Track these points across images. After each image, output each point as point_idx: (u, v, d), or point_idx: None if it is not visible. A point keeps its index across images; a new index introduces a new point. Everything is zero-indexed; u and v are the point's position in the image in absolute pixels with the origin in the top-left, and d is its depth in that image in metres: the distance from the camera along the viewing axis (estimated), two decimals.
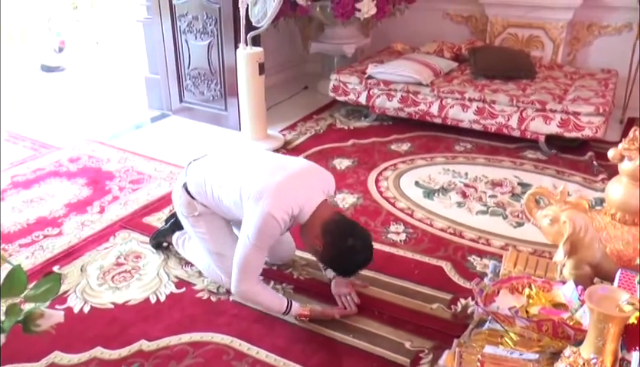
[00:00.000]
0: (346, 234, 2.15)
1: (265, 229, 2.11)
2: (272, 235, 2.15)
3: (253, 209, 2.12)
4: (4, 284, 1.15)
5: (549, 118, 3.73)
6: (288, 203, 2.11)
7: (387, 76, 4.24)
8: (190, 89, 4.46)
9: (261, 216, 2.09)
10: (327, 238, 2.15)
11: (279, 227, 2.12)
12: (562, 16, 4.59)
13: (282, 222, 2.11)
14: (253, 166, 2.30)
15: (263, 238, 2.14)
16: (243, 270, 2.19)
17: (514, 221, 3.03)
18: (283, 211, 2.09)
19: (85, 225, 3.05)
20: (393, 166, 3.68)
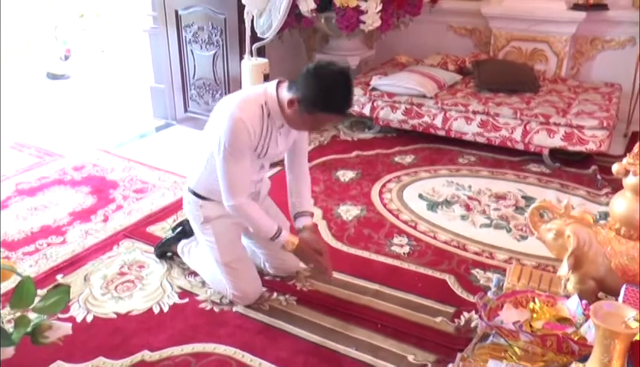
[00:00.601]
0: (306, 69, 2.12)
1: (236, 134, 2.11)
2: (243, 139, 2.13)
3: (223, 123, 2.13)
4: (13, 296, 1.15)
5: (553, 132, 3.74)
6: (250, 103, 2.16)
7: (391, 88, 4.25)
8: (195, 99, 4.47)
9: (229, 122, 2.11)
10: (295, 88, 2.12)
11: (247, 129, 2.11)
12: (565, 30, 4.59)
13: (249, 121, 2.11)
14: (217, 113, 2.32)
15: (238, 148, 2.13)
16: (230, 185, 2.19)
17: (518, 234, 3.02)
18: (248, 110, 2.13)
19: (89, 234, 3.05)
20: (397, 178, 3.68)
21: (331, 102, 2.09)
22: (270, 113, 2.18)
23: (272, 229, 2.28)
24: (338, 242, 2.95)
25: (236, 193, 2.21)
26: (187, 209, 2.48)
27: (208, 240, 2.43)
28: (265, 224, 2.29)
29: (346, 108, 2.13)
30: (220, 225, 2.40)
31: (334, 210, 3.26)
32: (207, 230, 2.41)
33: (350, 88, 2.11)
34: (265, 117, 2.17)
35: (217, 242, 2.40)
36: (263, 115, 2.16)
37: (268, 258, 2.62)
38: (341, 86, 2.08)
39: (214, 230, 2.40)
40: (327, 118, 2.20)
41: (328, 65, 2.13)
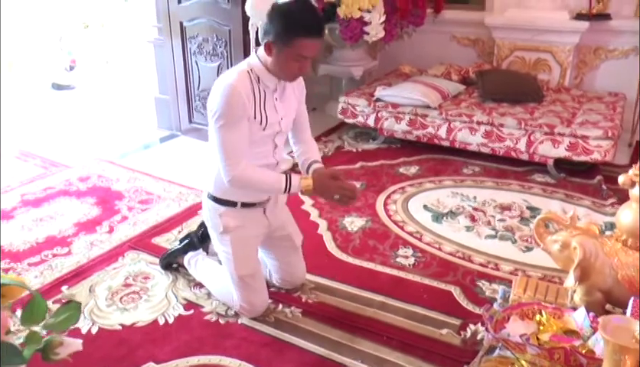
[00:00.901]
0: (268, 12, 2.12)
1: (228, 101, 2.08)
2: (237, 105, 2.09)
3: (213, 94, 2.13)
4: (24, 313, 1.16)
5: (557, 142, 3.74)
6: (238, 71, 2.15)
7: (395, 99, 4.26)
8: (199, 109, 4.49)
9: (220, 91, 2.10)
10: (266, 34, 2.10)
11: (240, 95, 2.09)
12: (569, 40, 4.61)
13: (240, 84, 2.10)
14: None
15: (231, 113, 2.09)
16: (227, 154, 2.12)
17: (524, 245, 3.02)
18: (234, 75, 2.12)
19: (94, 245, 3.06)
20: (402, 189, 3.68)
21: (298, 23, 2.07)
22: (259, 77, 2.16)
23: (281, 181, 2.17)
24: (343, 254, 2.94)
25: (233, 162, 2.12)
26: (207, 217, 2.43)
27: (225, 251, 2.39)
28: (272, 180, 2.20)
29: (315, 24, 2.11)
30: (239, 237, 2.36)
31: (339, 222, 3.26)
32: (225, 240, 2.37)
33: (311, 6, 2.13)
34: (254, 81, 2.15)
35: (234, 254, 2.37)
36: (252, 80, 2.15)
37: (278, 268, 2.60)
38: (301, 6, 2.10)
39: (232, 241, 2.36)
40: (304, 44, 2.10)
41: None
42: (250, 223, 2.37)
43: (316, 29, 2.10)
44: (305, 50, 2.09)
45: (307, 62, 2.13)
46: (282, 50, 2.09)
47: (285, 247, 2.56)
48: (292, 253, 2.58)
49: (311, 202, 3.49)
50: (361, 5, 4.20)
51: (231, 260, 2.38)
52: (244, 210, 2.35)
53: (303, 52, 2.09)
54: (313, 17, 2.11)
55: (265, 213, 2.40)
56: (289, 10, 2.09)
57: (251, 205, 2.35)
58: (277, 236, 2.51)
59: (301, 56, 2.10)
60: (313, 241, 3.00)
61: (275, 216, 2.45)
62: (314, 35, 2.09)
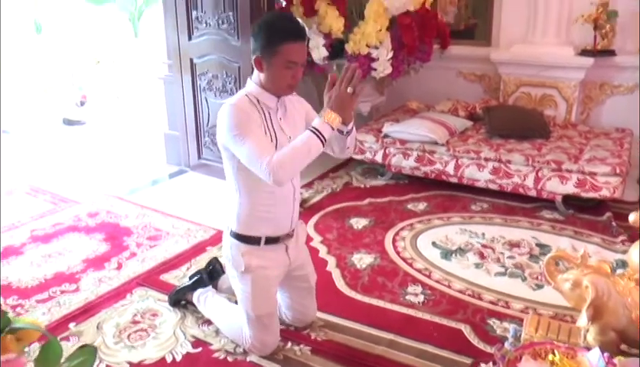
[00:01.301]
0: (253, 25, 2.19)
1: (235, 117, 2.10)
2: (244, 118, 2.10)
3: (219, 122, 2.17)
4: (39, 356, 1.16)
5: (565, 178, 3.74)
6: (237, 96, 2.20)
7: (403, 135, 4.28)
8: (208, 146, 4.52)
9: (223, 113, 2.13)
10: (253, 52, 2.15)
11: (244, 111, 2.12)
12: (574, 75, 4.64)
13: (243, 104, 2.14)
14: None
15: (242, 125, 2.09)
16: (257, 156, 2.06)
17: (534, 283, 2.99)
18: (237, 100, 2.16)
19: (102, 282, 3.05)
20: (410, 225, 3.68)
21: (279, 30, 2.12)
22: (258, 99, 2.19)
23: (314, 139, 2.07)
24: (352, 291, 2.93)
25: (265, 159, 2.04)
26: (228, 255, 2.40)
27: (244, 290, 2.36)
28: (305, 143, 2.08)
29: (294, 27, 2.13)
30: (260, 277, 2.33)
31: (348, 258, 3.25)
32: (245, 279, 2.34)
33: (287, 15, 2.21)
34: (255, 103, 2.18)
35: (253, 294, 2.34)
36: (252, 102, 2.17)
37: (290, 307, 2.59)
38: (278, 15, 2.21)
39: (253, 281, 2.33)
40: (289, 49, 2.11)
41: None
42: (272, 263, 2.35)
43: (297, 32, 2.14)
44: (292, 55, 2.12)
45: (298, 69, 2.17)
46: (271, 61, 2.13)
47: (301, 287, 2.55)
48: (307, 294, 2.57)
49: (319, 238, 3.49)
50: (369, 42, 4.26)
51: (249, 299, 2.35)
52: (267, 248, 2.34)
53: (290, 57, 2.12)
54: (291, 22, 2.18)
55: (287, 251, 2.38)
56: (267, 20, 2.17)
57: (274, 241, 2.34)
58: (295, 275, 2.50)
59: (290, 63, 2.13)
60: (322, 278, 2.98)
61: (296, 255, 2.45)
62: (296, 38, 2.13)
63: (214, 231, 3.60)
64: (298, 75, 2.18)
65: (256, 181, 2.18)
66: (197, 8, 4.21)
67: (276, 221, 2.31)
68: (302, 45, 2.15)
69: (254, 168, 2.09)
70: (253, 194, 2.27)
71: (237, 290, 2.42)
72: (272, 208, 2.28)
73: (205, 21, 4.20)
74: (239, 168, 2.21)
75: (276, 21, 2.17)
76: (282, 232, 2.34)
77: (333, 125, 2.12)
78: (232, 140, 2.11)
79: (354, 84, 2.11)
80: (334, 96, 2.12)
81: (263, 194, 2.25)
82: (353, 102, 2.12)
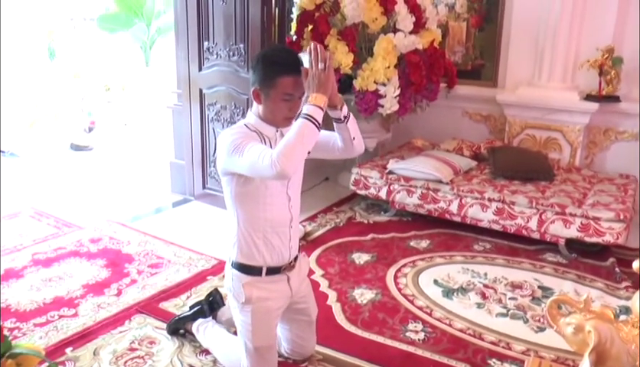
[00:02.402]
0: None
1: (233, 136, 2.12)
2: (245, 135, 2.14)
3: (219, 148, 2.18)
4: None
5: (569, 222, 3.73)
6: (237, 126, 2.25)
7: (408, 173, 4.30)
8: (213, 176, 4.54)
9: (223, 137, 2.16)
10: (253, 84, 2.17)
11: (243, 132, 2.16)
12: (579, 120, 4.67)
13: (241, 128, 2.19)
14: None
15: (239, 140, 2.09)
16: (258, 159, 2.02)
17: (535, 325, 2.97)
18: (238, 127, 2.22)
19: (101, 308, 3.04)
20: (412, 263, 3.67)
21: (276, 63, 2.14)
22: (256, 127, 2.21)
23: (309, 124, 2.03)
24: (352, 326, 2.91)
25: (267, 154, 2.01)
26: (229, 286, 2.39)
27: (244, 321, 2.34)
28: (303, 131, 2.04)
29: (291, 60, 2.15)
30: (260, 309, 2.32)
31: (349, 293, 3.24)
32: (246, 311, 2.32)
33: (286, 48, 2.22)
34: (251, 128, 2.21)
35: (253, 326, 2.32)
36: (251, 130, 2.20)
37: (290, 340, 2.57)
38: (276, 48, 2.26)
39: (253, 313, 2.31)
40: (285, 81, 2.12)
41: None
42: (274, 294, 2.34)
43: (293, 65, 2.15)
44: (288, 88, 2.14)
45: (295, 101, 2.18)
46: (269, 94, 2.15)
47: (301, 321, 2.54)
48: (307, 327, 2.55)
49: (321, 272, 3.48)
50: (377, 78, 4.30)
51: (249, 331, 2.33)
52: (269, 279, 2.32)
53: (287, 89, 2.14)
54: (288, 54, 2.20)
55: (289, 282, 2.37)
56: (265, 53, 2.22)
57: (275, 271, 2.33)
58: (297, 308, 2.48)
59: (287, 95, 2.15)
60: (323, 312, 2.96)
61: (298, 286, 2.44)
62: (293, 71, 2.14)
63: (216, 260, 3.59)
64: (296, 107, 2.19)
65: (252, 206, 2.21)
66: (209, 39, 4.28)
67: (275, 249, 2.29)
68: (299, 78, 2.15)
69: (257, 169, 2.06)
70: (251, 221, 2.27)
71: (237, 321, 2.40)
72: (270, 235, 2.27)
73: (216, 52, 4.27)
74: (236, 194, 2.23)
75: (274, 54, 2.22)
76: (282, 261, 2.32)
77: (320, 105, 2.08)
78: (231, 156, 2.11)
79: (322, 59, 2.12)
80: (310, 78, 2.11)
81: (260, 221, 2.25)
82: (329, 76, 2.11)
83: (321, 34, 4.34)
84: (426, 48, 4.54)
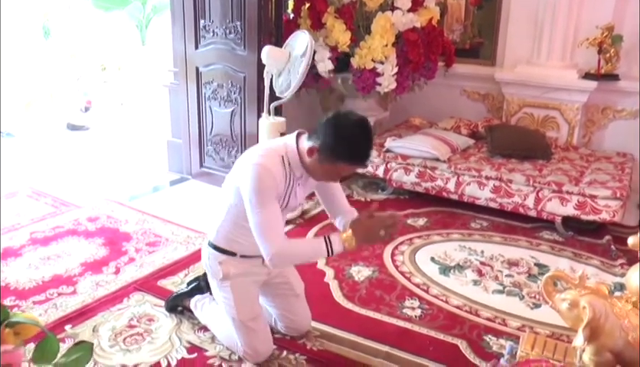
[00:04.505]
0: (325, 119, 2.13)
1: (261, 182, 2.09)
2: (270, 186, 2.11)
3: (245, 173, 2.14)
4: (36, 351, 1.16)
5: (565, 200, 3.74)
6: (271, 152, 2.17)
7: (405, 151, 4.30)
8: (210, 154, 4.54)
9: (253, 171, 2.10)
10: (314, 138, 2.12)
11: (272, 178, 2.11)
12: (577, 98, 4.66)
13: (274, 168, 2.12)
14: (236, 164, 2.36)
15: (264, 193, 2.10)
16: (265, 233, 2.11)
17: (531, 302, 2.99)
18: (270, 159, 2.13)
19: (99, 286, 3.05)
20: (409, 240, 3.68)
21: (352, 152, 2.11)
22: (290, 163, 2.19)
23: (321, 243, 2.13)
24: (349, 303, 2.93)
25: (273, 239, 2.12)
26: (206, 264, 2.45)
27: (225, 297, 2.40)
28: (312, 247, 2.18)
29: (366, 158, 2.13)
30: (239, 284, 2.39)
31: (346, 271, 3.25)
32: (224, 287, 2.39)
33: (369, 137, 2.12)
34: (286, 166, 2.18)
35: (235, 300, 2.38)
36: (284, 164, 2.17)
37: (280, 316, 2.60)
38: (360, 136, 2.10)
39: (233, 288, 2.38)
40: (347, 168, 2.18)
41: (347, 114, 2.16)
42: (250, 270, 2.40)
43: (363, 161, 2.14)
44: (346, 172, 2.20)
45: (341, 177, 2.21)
46: (324, 163, 2.14)
47: (284, 294, 2.56)
48: (293, 300, 2.57)
49: None
50: (375, 56, 4.28)
51: (232, 305, 2.39)
52: (243, 260, 2.38)
53: (343, 172, 2.20)
54: (367, 147, 2.12)
55: (264, 263, 2.36)
56: (347, 133, 2.08)
57: (250, 256, 2.38)
58: (276, 283, 2.52)
59: (339, 174, 2.21)
60: (319, 290, 2.99)
61: None
62: (359, 165, 2.18)
63: None
64: (339, 179, 2.25)
65: (243, 219, 2.22)
66: (205, 17, 4.25)
67: (253, 246, 2.27)
68: (362, 167, 2.21)
69: (257, 239, 2.14)
70: (238, 225, 2.30)
71: (219, 298, 2.45)
72: (252, 239, 2.23)
73: (212, 30, 4.24)
74: (234, 206, 2.26)
75: (355, 137, 2.09)
76: (258, 253, 2.30)
77: (346, 245, 2.14)
78: (249, 202, 2.13)
79: (388, 231, 2.17)
80: (366, 226, 2.16)
81: (245, 230, 2.26)
82: (375, 242, 2.20)
83: (318, 11, 4.31)
84: (424, 26, 4.51)
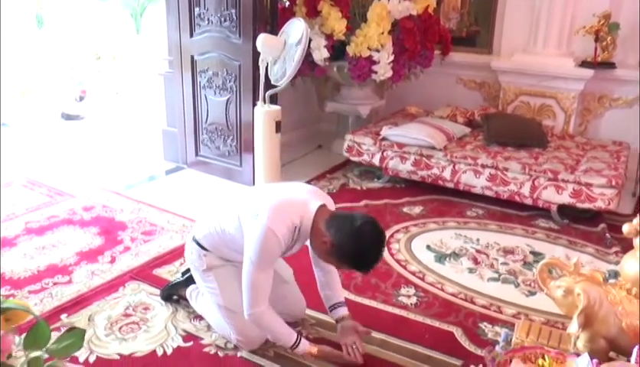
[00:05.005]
0: (351, 219, 2.14)
1: (266, 245, 2.11)
2: (273, 252, 2.14)
3: (253, 227, 2.14)
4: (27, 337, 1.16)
5: (561, 188, 3.74)
6: (286, 215, 2.13)
7: (401, 139, 4.29)
8: (206, 143, 4.53)
9: (261, 232, 2.10)
10: (333, 231, 2.11)
11: (278, 243, 2.12)
12: (573, 87, 4.66)
13: (282, 237, 2.11)
14: (250, 193, 2.41)
15: (265, 257, 2.14)
16: (252, 293, 2.18)
17: (526, 290, 3.00)
18: (282, 224, 2.11)
19: (95, 275, 3.05)
20: (405, 228, 3.68)
21: (359, 264, 2.17)
22: (300, 232, 2.19)
23: (292, 339, 2.24)
24: (345, 291, 2.91)
25: (258, 301, 2.20)
26: (189, 257, 2.50)
27: (210, 287, 2.44)
28: (284, 334, 2.25)
29: (371, 267, 2.17)
30: (223, 272, 2.42)
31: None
32: (209, 277, 2.44)
33: (380, 256, 2.16)
34: (296, 233, 2.18)
35: (220, 288, 2.41)
36: (294, 233, 2.18)
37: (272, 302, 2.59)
38: (374, 255, 2.13)
39: (217, 277, 2.42)
40: (351, 270, 2.28)
41: (371, 230, 2.14)
42: (233, 261, 2.44)
43: (370, 269, 2.18)
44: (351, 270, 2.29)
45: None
46: (331, 256, 2.17)
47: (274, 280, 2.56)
48: (282, 286, 2.56)
49: None
50: (370, 44, 4.27)
51: (218, 294, 2.42)
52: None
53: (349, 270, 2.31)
54: (373, 263, 2.15)
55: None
56: (361, 251, 2.11)
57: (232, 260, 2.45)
58: None
59: (340, 268, 2.30)
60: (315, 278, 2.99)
61: None
62: (362, 272, 2.27)
63: None
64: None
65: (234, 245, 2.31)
66: (200, 5, 4.22)
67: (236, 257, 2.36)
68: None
69: (244, 293, 2.20)
70: (227, 247, 2.38)
71: (205, 290, 2.48)
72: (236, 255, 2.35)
73: (207, 18, 4.21)
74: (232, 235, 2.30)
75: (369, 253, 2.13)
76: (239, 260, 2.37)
77: (308, 352, 2.28)
78: (249, 258, 2.16)
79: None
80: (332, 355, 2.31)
81: (232, 252, 2.36)
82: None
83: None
84: (421, 14, 4.50)
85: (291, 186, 2.39)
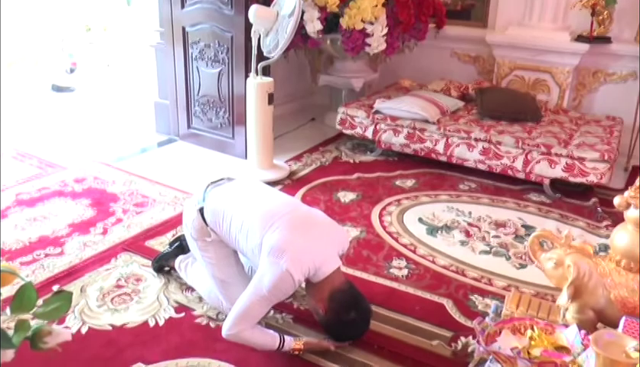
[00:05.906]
0: (350, 306, 2.25)
1: (280, 285, 2.13)
2: (285, 292, 2.17)
3: (273, 264, 2.13)
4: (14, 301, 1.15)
5: (554, 162, 3.75)
6: (306, 265, 2.15)
7: (394, 112, 4.27)
8: (198, 115, 4.49)
9: (279, 273, 2.11)
10: (331, 305, 2.22)
11: (293, 286, 2.14)
12: (568, 61, 4.63)
13: (298, 281, 2.14)
14: (277, 217, 2.27)
15: (276, 293, 2.15)
16: (243, 316, 2.16)
17: (517, 262, 3.02)
18: (301, 272, 2.13)
19: (87, 246, 3.04)
20: (397, 201, 3.69)
21: (335, 337, 2.32)
22: (312, 277, 2.21)
23: (275, 343, 2.21)
24: None
25: (243, 324, 2.16)
26: (190, 225, 2.44)
27: (206, 256, 2.43)
28: (266, 342, 2.23)
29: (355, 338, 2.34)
30: (221, 245, 2.42)
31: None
32: (206, 247, 2.43)
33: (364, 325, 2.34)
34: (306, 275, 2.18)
35: (216, 259, 2.42)
36: (308, 275, 2.18)
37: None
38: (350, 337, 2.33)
39: (214, 247, 2.41)
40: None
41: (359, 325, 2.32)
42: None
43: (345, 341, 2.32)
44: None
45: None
46: (320, 316, 2.30)
47: None
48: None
49: None
50: (364, 17, 4.22)
51: (214, 264, 2.43)
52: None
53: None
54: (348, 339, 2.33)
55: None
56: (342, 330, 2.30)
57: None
58: None
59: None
60: None
61: None
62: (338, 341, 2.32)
63: None
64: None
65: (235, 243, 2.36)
66: None
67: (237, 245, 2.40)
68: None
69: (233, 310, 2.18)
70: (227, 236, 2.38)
71: (201, 261, 2.48)
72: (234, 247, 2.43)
73: None
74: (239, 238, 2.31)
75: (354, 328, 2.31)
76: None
77: (295, 349, 2.25)
78: (260, 287, 2.14)
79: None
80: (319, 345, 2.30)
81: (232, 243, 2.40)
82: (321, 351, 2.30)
83: None
84: None
85: (319, 225, 2.36)
